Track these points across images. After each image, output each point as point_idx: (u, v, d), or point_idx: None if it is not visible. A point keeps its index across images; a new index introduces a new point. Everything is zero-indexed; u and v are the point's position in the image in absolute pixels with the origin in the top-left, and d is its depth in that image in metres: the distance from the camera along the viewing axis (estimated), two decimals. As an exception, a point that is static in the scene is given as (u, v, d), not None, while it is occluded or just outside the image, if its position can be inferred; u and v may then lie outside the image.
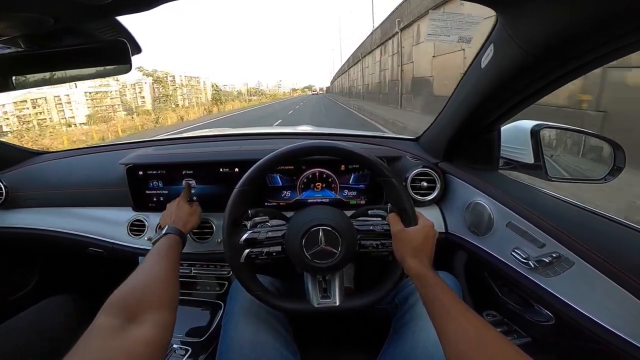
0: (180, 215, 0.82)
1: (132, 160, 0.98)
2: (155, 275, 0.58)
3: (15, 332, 0.81)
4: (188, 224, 0.83)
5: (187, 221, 0.83)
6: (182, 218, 0.82)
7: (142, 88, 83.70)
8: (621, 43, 0.47)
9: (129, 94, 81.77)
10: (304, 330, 0.81)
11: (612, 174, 0.81)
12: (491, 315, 0.84)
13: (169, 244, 0.70)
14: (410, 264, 0.61)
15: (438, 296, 0.54)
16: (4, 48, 0.62)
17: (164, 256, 0.64)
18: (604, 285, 0.55)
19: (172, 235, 0.73)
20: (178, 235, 0.74)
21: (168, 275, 0.59)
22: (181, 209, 0.84)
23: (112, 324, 0.45)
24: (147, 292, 0.53)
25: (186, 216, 0.83)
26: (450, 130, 0.90)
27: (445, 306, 0.52)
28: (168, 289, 0.56)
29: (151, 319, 0.47)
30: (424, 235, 0.65)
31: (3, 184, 1.09)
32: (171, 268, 0.62)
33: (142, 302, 0.50)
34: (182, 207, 0.85)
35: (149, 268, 0.60)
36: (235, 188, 0.71)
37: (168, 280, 0.58)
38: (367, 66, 22.03)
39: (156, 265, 0.61)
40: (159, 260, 0.63)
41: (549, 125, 0.86)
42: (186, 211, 0.85)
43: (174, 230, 0.75)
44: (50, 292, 0.98)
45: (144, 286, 0.54)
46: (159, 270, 0.60)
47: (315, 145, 0.72)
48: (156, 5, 0.51)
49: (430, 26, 0.69)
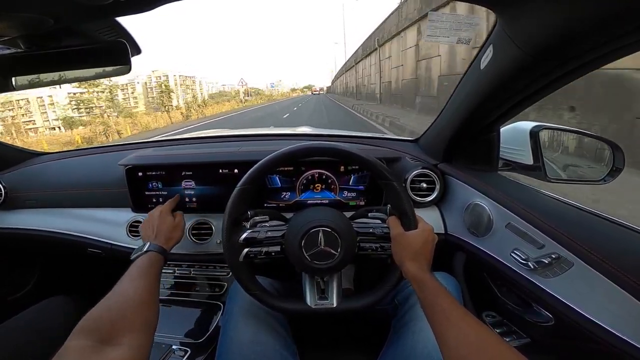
0: (162, 229, 0.79)
1: (132, 161, 0.98)
2: (131, 296, 0.56)
3: (14, 332, 0.81)
4: (170, 240, 0.79)
5: (170, 237, 0.79)
6: (163, 232, 0.78)
7: (135, 88, 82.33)
8: (621, 43, 0.47)
9: (121, 94, 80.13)
10: (303, 331, 0.81)
11: (611, 175, 0.81)
12: (490, 316, 0.84)
13: (150, 263, 0.67)
14: (409, 268, 0.61)
15: (437, 301, 0.53)
16: (4, 48, 0.62)
17: (143, 275, 0.62)
18: (603, 286, 0.55)
19: (152, 253, 0.70)
20: (160, 252, 0.71)
21: (145, 297, 0.57)
22: (164, 222, 0.81)
23: (85, 346, 0.44)
24: (121, 314, 0.51)
25: (169, 231, 0.80)
26: (449, 131, 0.90)
27: (444, 311, 0.51)
28: (144, 311, 0.54)
29: (126, 342, 0.47)
30: (423, 240, 0.65)
31: (2, 184, 1.09)
32: (149, 289, 0.60)
33: (116, 324, 0.48)
34: (165, 219, 0.82)
35: (125, 288, 0.58)
36: (236, 187, 0.71)
37: (145, 301, 0.56)
38: (388, 56, 15.26)
39: (133, 285, 0.59)
40: (137, 280, 0.61)
41: (548, 127, 0.86)
42: (169, 224, 0.81)
43: (156, 247, 0.72)
44: (49, 293, 0.98)
45: (119, 308, 0.52)
46: (136, 290, 0.57)
47: (318, 147, 0.72)
48: (156, 6, 0.51)
49: (429, 27, 0.69)
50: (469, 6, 6.01)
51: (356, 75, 29.89)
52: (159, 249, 0.72)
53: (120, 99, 77.26)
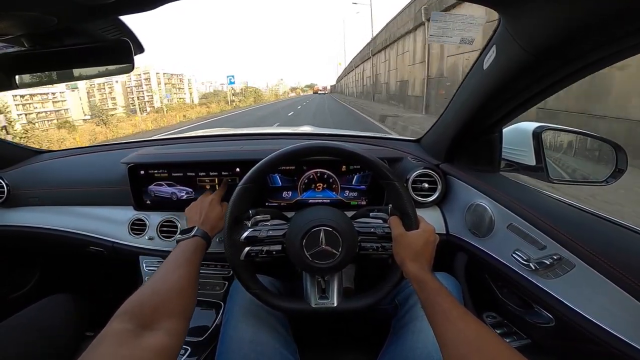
0: (210, 217, 0.79)
1: (134, 159, 0.98)
2: (174, 282, 0.57)
3: (15, 331, 0.82)
4: (215, 228, 0.79)
5: (215, 225, 0.79)
6: (211, 220, 0.78)
7: (113, 88, 77.64)
8: (624, 45, 0.47)
9: (98, 95, 75.39)
10: (303, 330, 0.82)
11: (613, 176, 0.81)
12: (491, 316, 0.84)
13: (194, 248, 0.68)
14: (410, 268, 0.61)
15: (437, 300, 0.54)
16: (7, 47, 0.62)
17: (186, 261, 0.63)
18: (604, 288, 0.55)
19: (199, 238, 0.71)
20: (205, 239, 0.72)
21: (186, 284, 0.58)
22: (213, 210, 0.81)
23: (125, 330, 0.45)
24: (164, 300, 0.52)
25: (215, 219, 0.80)
26: (451, 131, 0.90)
27: (444, 310, 0.52)
28: (186, 297, 0.56)
29: (165, 327, 0.48)
30: (424, 240, 0.65)
31: (5, 182, 1.09)
32: (192, 275, 0.61)
33: (157, 310, 0.50)
34: (215, 208, 0.82)
35: (169, 274, 0.59)
36: (238, 185, 0.71)
37: (187, 288, 0.58)
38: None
39: (177, 271, 0.60)
40: (181, 266, 0.61)
41: (550, 127, 0.86)
42: (217, 213, 0.81)
43: (202, 233, 0.72)
44: (50, 291, 0.98)
45: (163, 293, 0.54)
46: (179, 277, 0.59)
47: (320, 146, 0.72)
48: (160, 4, 0.51)
49: (432, 27, 0.69)
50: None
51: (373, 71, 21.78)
52: (205, 235, 0.73)
53: (97, 100, 73.24)
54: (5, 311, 0.85)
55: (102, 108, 44.75)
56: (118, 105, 70.36)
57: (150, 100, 75.63)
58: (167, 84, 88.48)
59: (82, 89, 67.32)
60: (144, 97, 78.00)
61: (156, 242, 0.99)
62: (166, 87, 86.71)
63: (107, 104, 73.40)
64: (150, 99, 77.20)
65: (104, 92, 78.81)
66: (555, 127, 0.88)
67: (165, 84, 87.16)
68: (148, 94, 79.54)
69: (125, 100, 72.08)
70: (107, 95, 78.41)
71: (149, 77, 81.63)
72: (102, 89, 78.55)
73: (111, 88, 78.35)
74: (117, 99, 75.50)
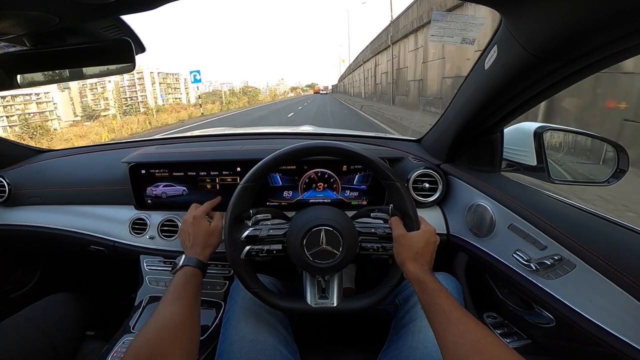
0: (198, 236, 0.74)
1: (135, 158, 0.98)
2: (167, 323, 0.54)
3: (16, 329, 0.82)
4: (207, 248, 0.74)
5: (206, 244, 0.74)
6: (199, 240, 0.74)
7: (105, 88, 73.24)
8: (625, 44, 0.47)
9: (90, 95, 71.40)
10: (304, 330, 0.82)
11: (615, 176, 0.81)
12: (491, 316, 0.84)
13: (185, 279, 0.64)
14: (410, 269, 0.61)
15: (437, 302, 0.54)
16: (8, 46, 0.62)
17: (179, 297, 0.60)
18: (605, 288, 0.55)
19: (187, 268, 0.67)
20: (195, 266, 0.68)
21: (180, 321, 0.55)
22: (198, 227, 0.76)
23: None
24: (158, 345, 0.50)
25: (204, 237, 0.75)
26: (452, 131, 0.90)
27: (444, 311, 0.52)
28: (183, 336, 0.54)
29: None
30: (425, 241, 0.65)
31: (6, 181, 1.10)
32: (186, 311, 0.58)
33: (153, 355, 0.48)
34: (199, 224, 0.77)
35: (162, 314, 0.56)
36: (239, 184, 0.71)
37: (181, 326, 0.54)
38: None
39: (169, 309, 0.57)
40: (173, 302, 0.58)
41: (552, 127, 0.86)
42: (204, 230, 0.76)
43: (190, 261, 0.69)
44: (51, 290, 0.99)
45: (156, 338, 0.52)
46: (172, 316, 0.56)
47: (323, 145, 0.72)
48: (161, 4, 0.51)
49: (432, 27, 0.69)
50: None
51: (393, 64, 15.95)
52: (195, 261, 0.69)
53: (90, 101, 69.52)
54: (7, 310, 0.85)
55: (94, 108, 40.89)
56: (111, 105, 66.60)
57: (144, 101, 73.11)
58: (162, 84, 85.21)
59: (74, 89, 65.32)
60: (137, 97, 75.58)
61: (157, 242, 0.99)
62: (161, 87, 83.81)
63: (100, 104, 70.54)
64: (143, 99, 74.76)
65: (96, 92, 74.82)
66: (557, 127, 0.88)
67: (160, 83, 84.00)
68: (142, 94, 76.99)
69: (118, 101, 68.54)
70: (99, 95, 74.62)
71: (142, 76, 79.07)
72: (95, 89, 74.38)
73: (103, 88, 74.23)
74: (110, 99, 71.81)
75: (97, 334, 0.95)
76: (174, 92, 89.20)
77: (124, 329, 0.87)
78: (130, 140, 1.32)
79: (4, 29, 0.52)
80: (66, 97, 62.46)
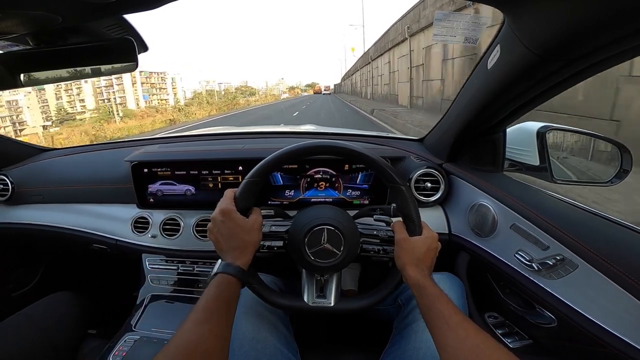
0: (233, 236, 0.60)
1: (138, 157, 0.98)
2: (193, 346, 0.46)
3: (17, 328, 0.82)
4: (247, 248, 0.61)
5: (245, 244, 0.61)
6: (236, 241, 0.60)
7: (82, 89, 65.06)
8: (628, 44, 0.47)
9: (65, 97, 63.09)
10: (305, 330, 0.82)
11: (618, 176, 0.81)
12: (493, 317, 0.84)
13: (217, 293, 0.53)
14: (410, 273, 0.61)
15: (437, 307, 0.54)
16: (12, 45, 0.63)
17: (210, 315, 0.50)
18: (607, 288, 0.54)
19: (223, 276, 0.56)
20: (232, 274, 0.56)
21: (211, 346, 0.47)
22: (234, 224, 0.60)
23: None
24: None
25: (242, 235, 0.61)
26: (455, 131, 0.90)
27: (444, 317, 0.51)
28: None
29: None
30: (427, 247, 0.64)
31: (9, 180, 1.10)
32: (217, 332, 0.49)
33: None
34: (234, 220, 0.61)
35: (188, 334, 0.48)
36: (244, 179, 0.70)
37: (211, 352, 0.47)
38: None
39: (198, 330, 0.48)
40: (202, 322, 0.49)
41: (555, 127, 0.86)
42: (240, 227, 0.61)
43: (227, 267, 0.57)
44: (53, 289, 0.99)
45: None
46: (199, 339, 0.47)
47: (327, 145, 0.71)
48: (164, 3, 0.51)
49: (435, 27, 0.69)
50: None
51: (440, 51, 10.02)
52: (233, 268, 0.57)
53: (65, 103, 61.59)
54: (8, 309, 0.86)
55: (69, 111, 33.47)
56: (87, 108, 59.05)
57: (123, 103, 66.44)
58: (146, 84, 76.62)
59: (49, 91, 58.71)
60: (116, 99, 67.61)
61: (159, 240, 0.99)
62: (144, 87, 75.54)
63: (76, 107, 62.24)
64: (123, 101, 67.89)
65: (71, 94, 65.79)
66: (560, 127, 0.87)
67: (143, 83, 75.82)
68: (120, 95, 69.67)
69: (96, 103, 62.16)
70: (75, 97, 65.75)
71: (121, 75, 73.12)
72: (70, 90, 64.92)
73: (79, 89, 65.06)
74: (87, 101, 63.94)
75: (98, 332, 0.95)
76: (160, 92, 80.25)
77: (126, 327, 0.88)
78: (133, 139, 1.32)
79: (7, 28, 0.53)
80: (34, 100, 53.98)
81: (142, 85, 75.95)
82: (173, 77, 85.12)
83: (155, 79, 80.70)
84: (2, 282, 1.23)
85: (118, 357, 0.78)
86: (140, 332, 0.87)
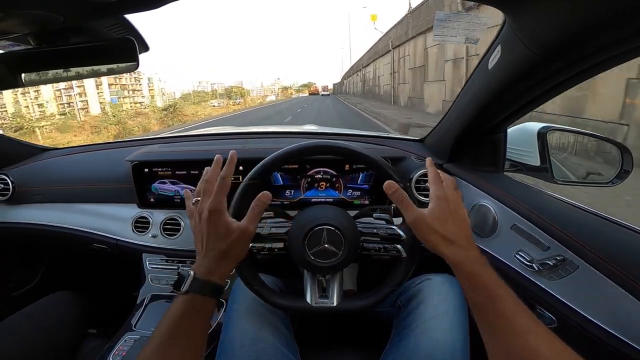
0: (215, 241, 0.50)
1: (138, 157, 0.99)
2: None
3: (17, 328, 0.83)
4: (226, 260, 0.51)
5: (226, 255, 0.51)
6: (216, 249, 0.50)
7: (40, 92, 58.35)
8: (630, 45, 0.47)
9: (22, 100, 56.66)
10: (305, 330, 0.82)
11: (619, 177, 0.81)
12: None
13: (182, 312, 0.44)
14: (448, 253, 0.48)
15: (496, 306, 0.43)
16: (13, 45, 0.63)
17: (176, 339, 0.42)
18: (608, 289, 0.54)
19: (193, 296, 0.46)
20: (205, 294, 0.47)
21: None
22: (217, 227, 0.51)
23: None
24: None
25: (223, 244, 0.50)
26: (455, 131, 0.90)
27: (506, 318, 0.42)
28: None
29: None
30: (447, 211, 0.50)
31: (10, 179, 1.10)
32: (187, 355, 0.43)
33: None
34: (222, 223, 0.51)
35: (153, 355, 0.41)
36: (243, 182, 0.71)
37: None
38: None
39: (162, 355, 0.41)
40: (167, 347, 0.42)
41: (556, 128, 0.86)
42: (221, 233, 0.51)
43: (196, 286, 0.47)
44: (53, 288, 0.99)
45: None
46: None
47: (328, 145, 0.71)
48: (165, 3, 0.51)
49: (435, 27, 0.68)
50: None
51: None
52: (207, 288, 0.47)
53: (23, 108, 51.83)
54: (8, 308, 0.86)
55: (28, 118, 29.44)
56: (46, 113, 50.82)
57: (85, 107, 61.84)
58: (114, 85, 68.88)
59: (6, 94, 49.93)
60: (77, 103, 61.16)
61: (159, 240, 0.99)
62: (113, 88, 67.83)
63: (34, 112, 53.99)
64: (84, 105, 62.24)
65: (28, 97, 58.96)
66: (561, 127, 0.87)
67: (112, 84, 67.93)
68: (81, 100, 63.73)
69: (57, 107, 55.45)
70: (32, 101, 58.74)
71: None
72: (27, 93, 57.74)
73: (37, 92, 58.01)
74: (47, 105, 57.08)
75: (99, 332, 0.95)
76: (134, 94, 72.85)
77: (126, 327, 0.88)
78: (134, 139, 1.32)
79: (8, 27, 0.53)
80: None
81: (110, 86, 68.95)
82: (150, 78, 77.41)
83: (127, 79, 72.46)
84: (3, 281, 1.23)
85: (118, 357, 0.78)
86: (140, 331, 0.87)
